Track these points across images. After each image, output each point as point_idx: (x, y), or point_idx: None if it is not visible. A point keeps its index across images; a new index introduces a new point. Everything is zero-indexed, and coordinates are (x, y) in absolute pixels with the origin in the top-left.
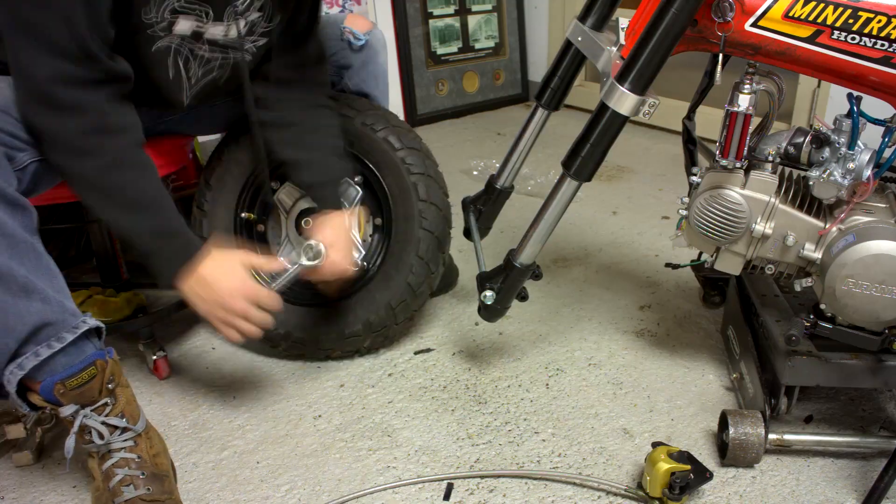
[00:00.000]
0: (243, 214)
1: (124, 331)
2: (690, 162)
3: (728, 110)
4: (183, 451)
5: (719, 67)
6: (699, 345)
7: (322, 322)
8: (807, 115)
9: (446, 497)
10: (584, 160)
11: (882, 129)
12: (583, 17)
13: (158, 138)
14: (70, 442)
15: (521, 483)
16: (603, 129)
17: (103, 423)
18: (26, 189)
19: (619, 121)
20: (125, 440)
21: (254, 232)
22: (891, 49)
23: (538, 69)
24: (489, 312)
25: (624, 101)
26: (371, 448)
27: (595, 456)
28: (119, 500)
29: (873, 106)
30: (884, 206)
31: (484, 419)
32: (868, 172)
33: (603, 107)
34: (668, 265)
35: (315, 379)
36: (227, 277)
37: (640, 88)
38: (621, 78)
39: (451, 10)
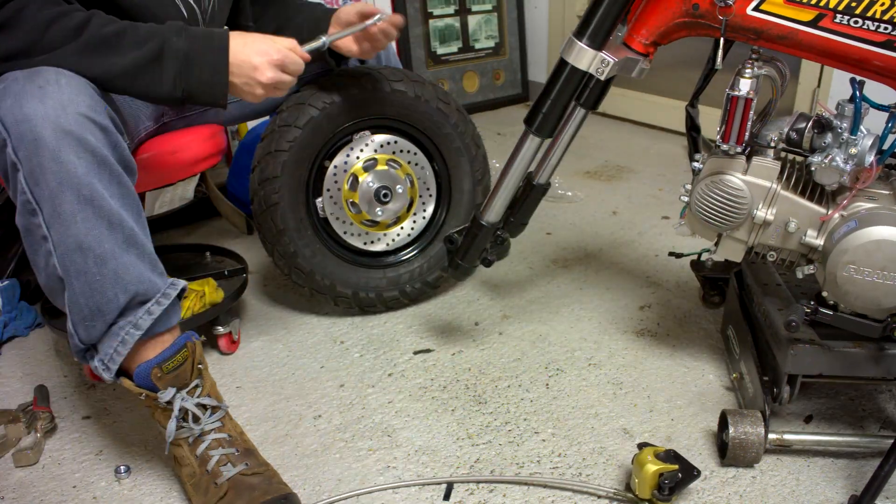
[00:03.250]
0: None
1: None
2: (693, 149)
3: (729, 94)
4: None
5: (720, 53)
6: (699, 345)
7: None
8: (808, 110)
9: (446, 497)
10: (545, 116)
11: (885, 114)
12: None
13: (198, 126)
14: (171, 426)
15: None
16: (562, 84)
17: (197, 404)
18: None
19: (578, 76)
20: (214, 421)
21: None
22: (894, 32)
23: (538, 69)
24: (457, 271)
25: (582, 56)
26: (371, 448)
27: (595, 456)
28: (220, 480)
29: (877, 91)
30: (887, 192)
31: (484, 419)
32: (871, 158)
33: (562, 62)
34: (671, 254)
35: (315, 379)
36: (250, 52)
37: (598, 43)
38: (579, 33)
39: (451, 10)
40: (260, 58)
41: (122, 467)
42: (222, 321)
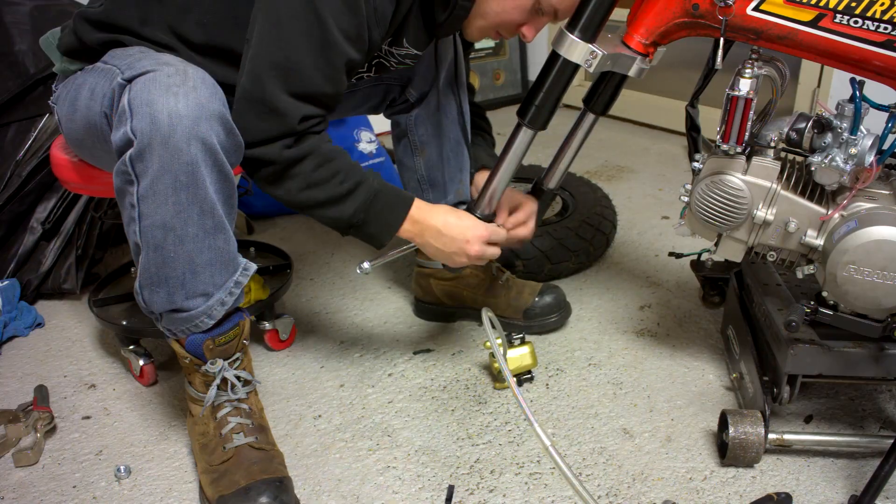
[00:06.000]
0: None
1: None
2: (693, 149)
3: (729, 94)
4: (183, 451)
5: (720, 53)
6: (699, 345)
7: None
8: (808, 110)
9: (448, 501)
10: (538, 109)
11: (885, 114)
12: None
13: None
14: (212, 393)
15: (521, 483)
16: (555, 77)
17: (235, 375)
18: None
19: (571, 68)
20: (243, 392)
21: None
22: (894, 32)
23: (538, 69)
24: None
25: (574, 48)
26: (371, 448)
27: (595, 456)
28: (229, 445)
29: (878, 91)
30: (887, 192)
31: (484, 419)
32: (871, 158)
33: (554, 55)
34: (671, 254)
35: (315, 379)
36: (462, 228)
37: (589, 36)
38: (571, 26)
39: None
40: (472, 232)
41: (122, 467)
42: (267, 317)
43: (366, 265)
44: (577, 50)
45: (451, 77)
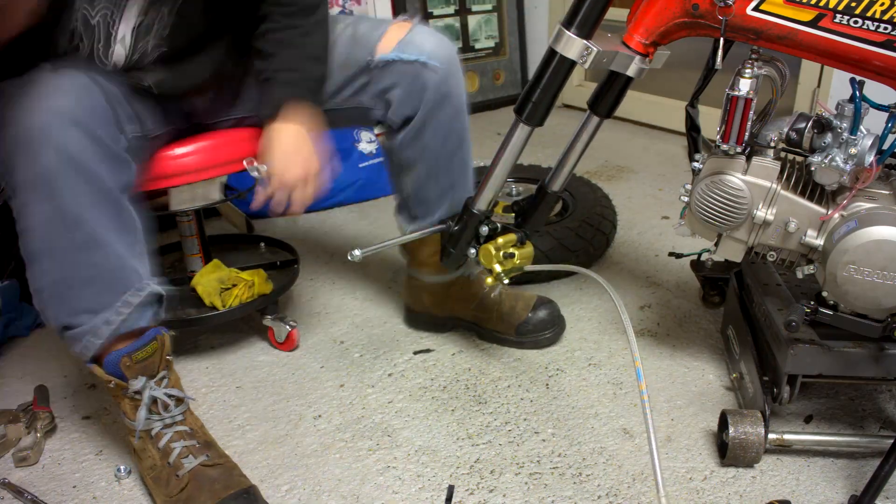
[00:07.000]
0: None
1: None
2: (693, 149)
3: (729, 94)
4: None
5: (720, 53)
6: (699, 345)
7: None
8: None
9: (448, 501)
10: (535, 105)
11: (885, 114)
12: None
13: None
14: (142, 413)
15: (521, 483)
16: (552, 73)
17: (166, 394)
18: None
19: (567, 65)
20: (178, 413)
21: None
22: (894, 32)
23: None
24: (449, 259)
25: (571, 45)
26: (371, 448)
27: (595, 456)
28: (182, 472)
29: (878, 91)
30: (887, 192)
31: (484, 419)
32: (871, 158)
33: (551, 52)
34: (671, 254)
35: (315, 379)
36: (305, 151)
37: (586, 33)
38: (568, 23)
39: (451, 10)
40: (316, 162)
41: (122, 467)
42: (270, 312)
43: (357, 252)
44: (572, 46)
45: (438, 96)
